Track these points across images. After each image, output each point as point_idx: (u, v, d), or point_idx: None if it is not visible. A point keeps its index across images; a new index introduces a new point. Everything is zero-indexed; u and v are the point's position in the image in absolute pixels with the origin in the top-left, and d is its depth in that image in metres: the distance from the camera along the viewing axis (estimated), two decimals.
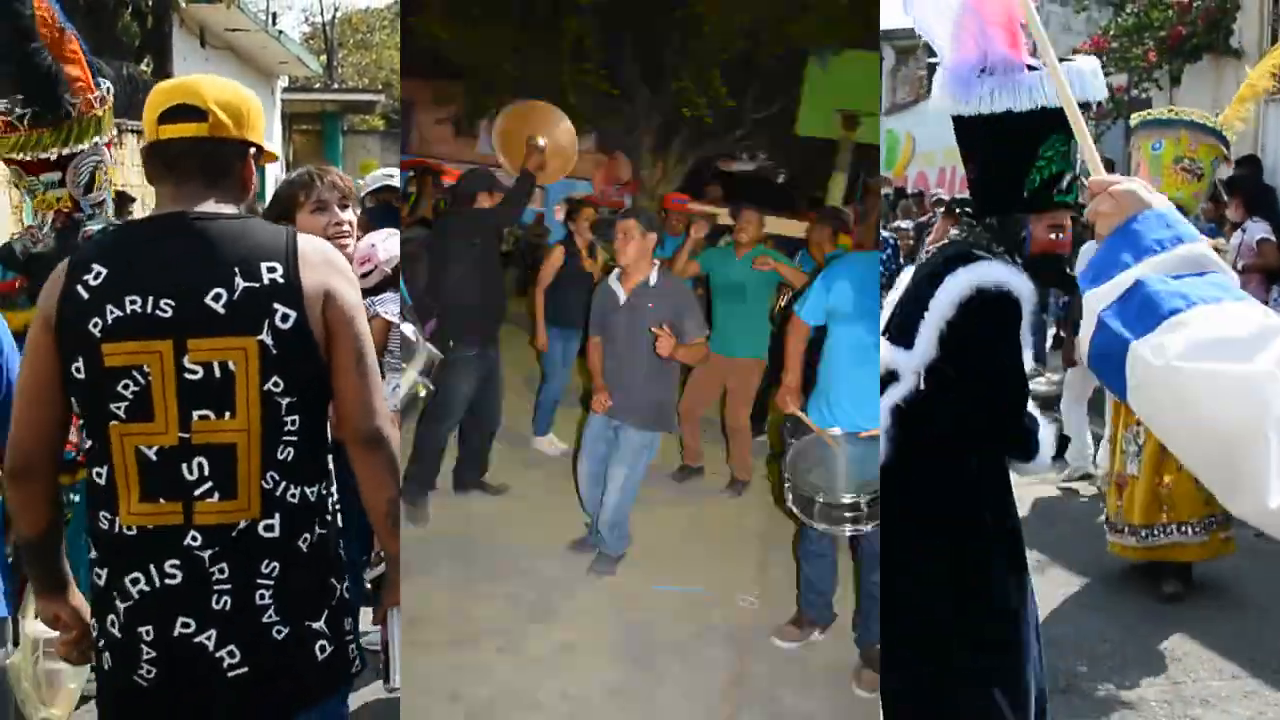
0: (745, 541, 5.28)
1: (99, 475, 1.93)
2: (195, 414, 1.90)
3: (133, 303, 1.89)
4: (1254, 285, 6.34)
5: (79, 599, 2.07)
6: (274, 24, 15.29)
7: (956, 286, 2.59)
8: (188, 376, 1.89)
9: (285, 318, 1.92)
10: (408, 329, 3.42)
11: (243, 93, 2.09)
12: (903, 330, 2.68)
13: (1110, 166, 7.59)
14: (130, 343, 1.89)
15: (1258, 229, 6.56)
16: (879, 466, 2.93)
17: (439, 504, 5.27)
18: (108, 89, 3.45)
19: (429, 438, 5.18)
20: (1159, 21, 9.21)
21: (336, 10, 28.09)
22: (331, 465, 2.08)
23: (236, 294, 1.90)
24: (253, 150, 2.08)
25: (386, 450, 2.02)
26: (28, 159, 3.34)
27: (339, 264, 2.05)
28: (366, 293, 2.96)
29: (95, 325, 1.88)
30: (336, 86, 22.63)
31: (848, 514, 3.47)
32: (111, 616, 1.93)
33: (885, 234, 9.18)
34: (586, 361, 4.93)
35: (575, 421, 6.51)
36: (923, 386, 2.59)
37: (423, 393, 3.43)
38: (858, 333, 3.68)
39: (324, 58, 23.85)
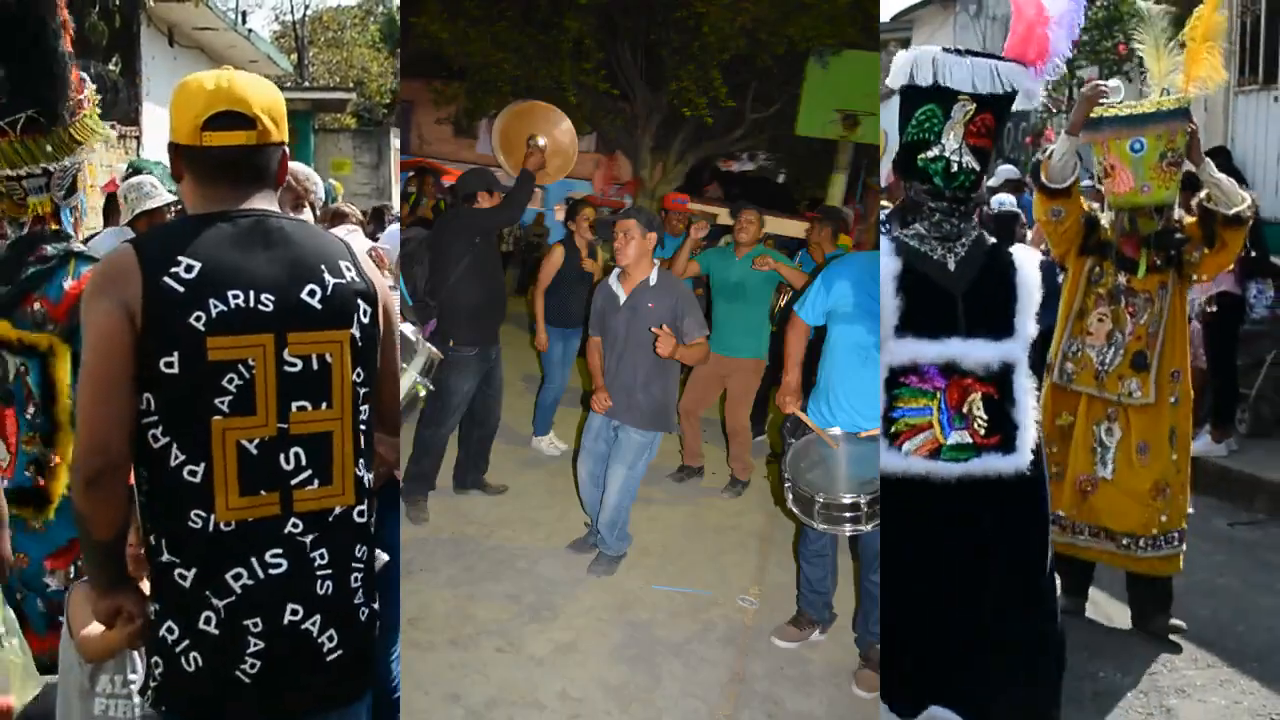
0: (745, 541, 5.28)
1: (191, 474, 1.87)
2: (294, 405, 1.94)
3: (235, 297, 1.90)
4: (1223, 276, 6.33)
5: (139, 583, 2.01)
6: (243, 23, 15.28)
7: (1029, 266, 3.11)
8: (287, 369, 1.94)
9: (365, 313, 2.05)
10: (407, 329, 3.41)
11: (276, 92, 2.11)
12: (987, 323, 3.05)
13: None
14: (236, 336, 1.89)
15: None
16: (877, 466, 3.05)
17: (439, 504, 5.27)
18: (93, 89, 3.27)
19: (429, 438, 5.19)
20: (1129, 14, 9.18)
21: (307, 8, 27.88)
22: None
23: (329, 290, 1.99)
24: (285, 148, 2.13)
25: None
26: (20, 173, 3.06)
27: (376, 269, 2.18)
28: None
29: (198, 319, 1.86)
30: (307, 85, 22.54)
31: (848, 514, 3.46)
32: (206, 614, 1.89)
33: None
34: (586, 361, 4.92)
35: (575, 421, 6.52)
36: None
37: (423, 393, 3.42)
38: (858, 333, 3.67)
39: (294, 56, 23.82)
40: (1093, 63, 9.98)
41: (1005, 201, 8.12)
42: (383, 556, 2.84)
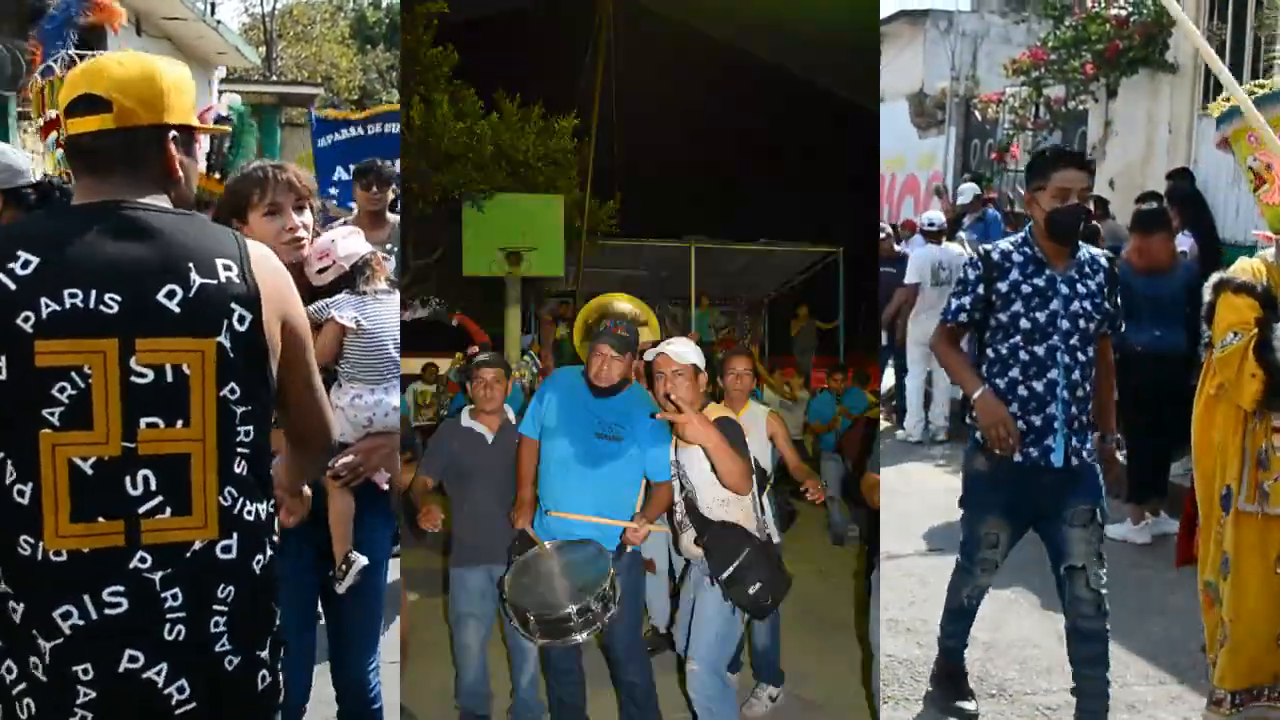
0: None
1: (19, 494, 1.69)
2: (143, 421, 1.71)
3: (72, 296, 1.68)
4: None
5: None
6: (212, 14, 15.14)
7: None
8: (135, 380, 1.71)
9: (242, 320, 1.78)
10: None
11: (154, 70, 1.85)
12: None
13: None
14: (69, 340, 1.68)
15: (1184, 241, 6.79)
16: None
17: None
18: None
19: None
20: (1097, 35, 9.41)
21: (276, 2, 27.68)
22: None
23: (193, 291, 1.74)
24: (173, 134, 1.85)
25: (330, 454, 2.28)
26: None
27: (285, 273, 1.94)
28: (321, 292, 2.82)
29: (26, 320, 1.67)
30: (275, 79, 22.28)
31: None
32: (33, 659, 1.70)
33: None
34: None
35: None
36: None
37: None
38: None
39: (263, 49, 23.64)
40: (1060, 82, 10.12)
41: (936, 220, 8.73)
42: (360, 559, 2.81)
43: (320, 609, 2.96)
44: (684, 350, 3.47)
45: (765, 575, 3.41)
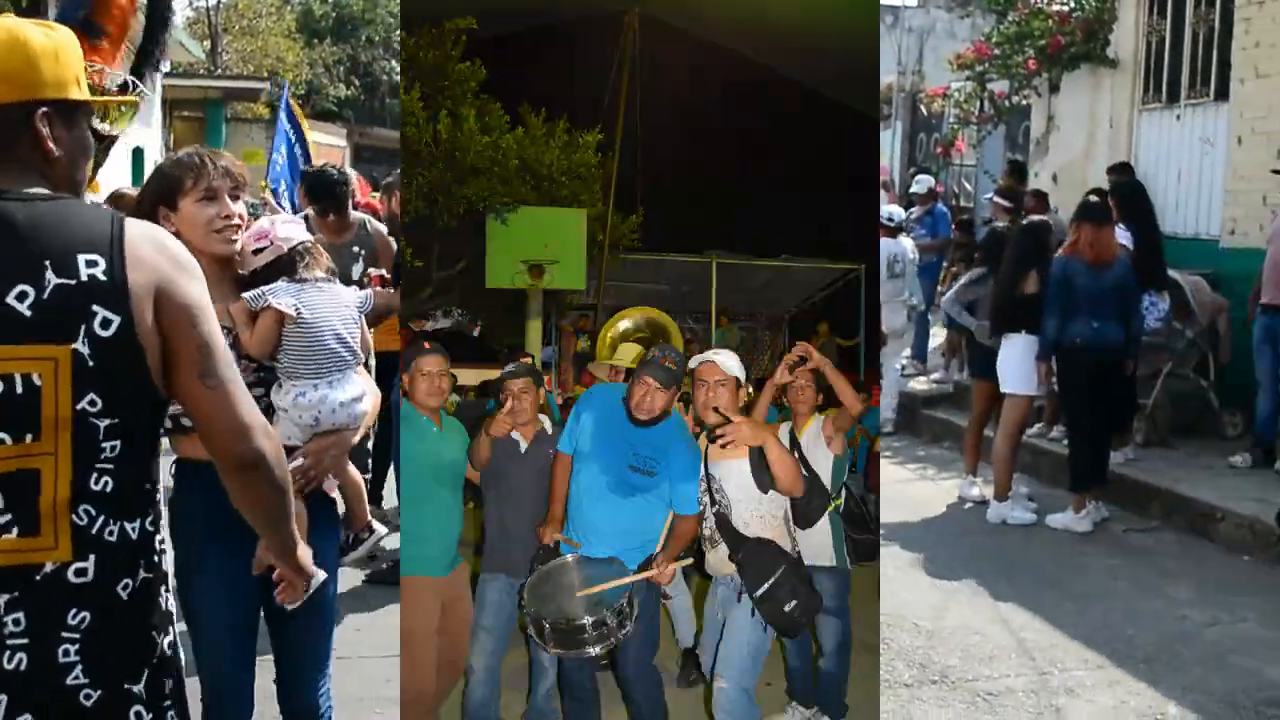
0: None
1: None
2: None
3: None
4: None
5: None
6: None
7: None
8: None
9: (106, 323, 1.61)
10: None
11: (22, 39, 1.66)
12: None
13: (1021, 171, 8.31)
14: None
15: (1122, 236, 6.69)
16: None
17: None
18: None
19: None
20: (1039, 30, 9.51)
21: None
22: (161, 495, 1.79)
23: (46, 293, 1.58)
24: (44, 110, 1.67)
25: (265, 469, 1.74)
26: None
27: (178, 255, 1.73)
28: (257, 275, 2.67)
29: None
30: (220, 73, 22.21)
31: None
32: None
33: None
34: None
35: None
36: None
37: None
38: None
39: (207, 43, 23.43)
40: (1004, 77, 10.20)
41: (896, 216, 9.02)
42: (319, 574, 2.41)
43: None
44: (730, 362, 3.49)
45: (799, 593, 3.38)
